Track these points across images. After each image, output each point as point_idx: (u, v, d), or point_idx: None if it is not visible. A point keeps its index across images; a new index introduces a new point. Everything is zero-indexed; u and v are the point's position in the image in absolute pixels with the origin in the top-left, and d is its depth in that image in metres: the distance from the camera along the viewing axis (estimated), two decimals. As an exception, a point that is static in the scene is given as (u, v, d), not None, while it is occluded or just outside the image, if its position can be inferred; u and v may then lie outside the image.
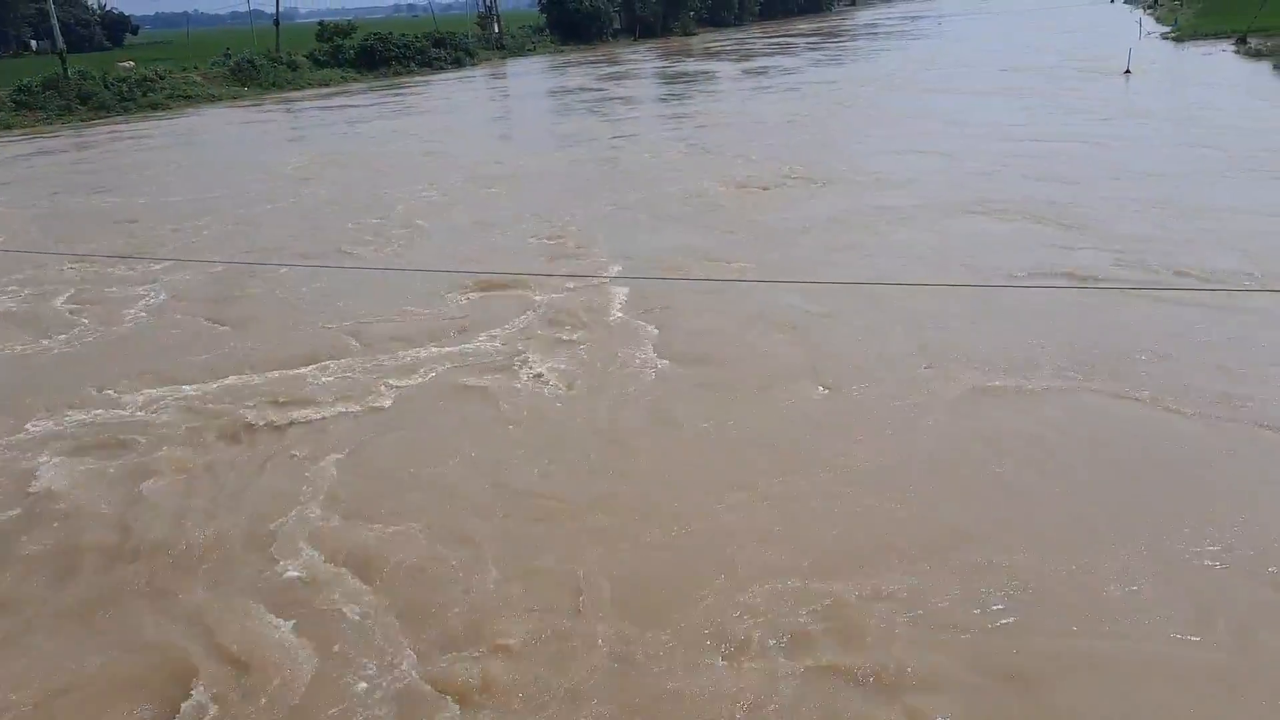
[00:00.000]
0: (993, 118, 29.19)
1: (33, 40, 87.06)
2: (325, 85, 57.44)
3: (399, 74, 62.40)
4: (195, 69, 55.08)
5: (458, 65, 67.63)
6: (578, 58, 71.13)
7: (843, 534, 7.75)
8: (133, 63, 56.82)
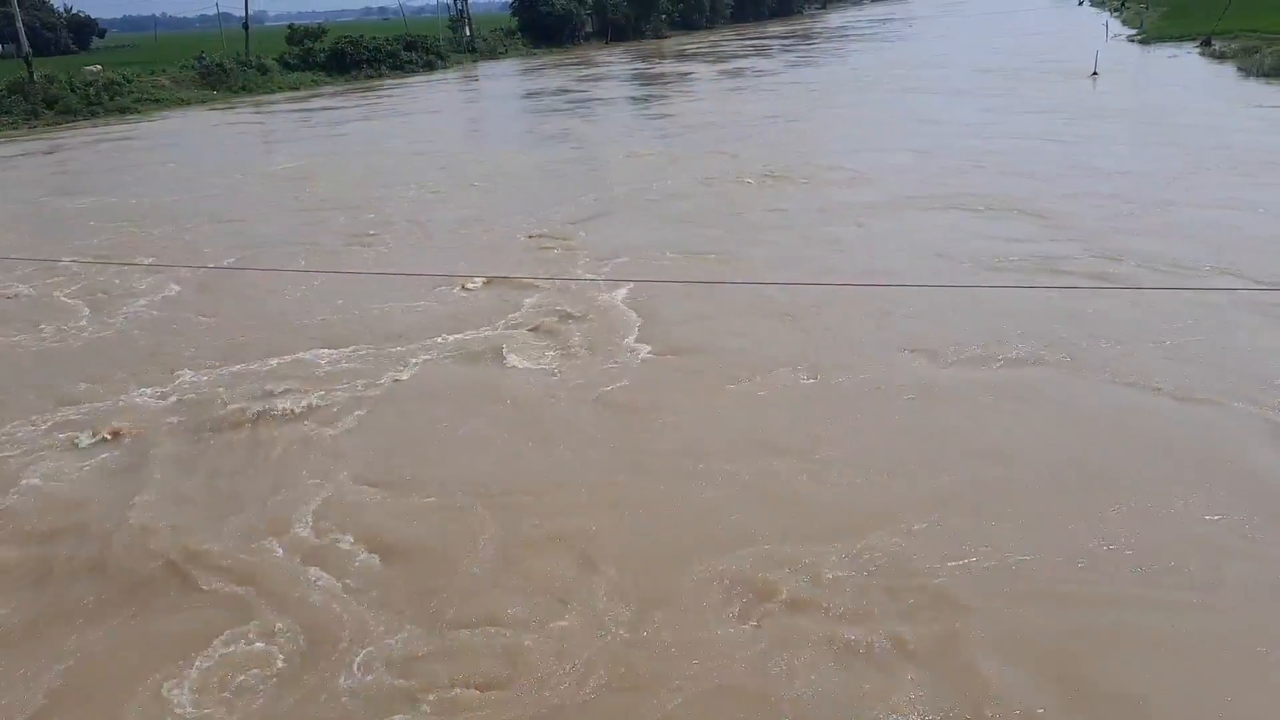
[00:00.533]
0: (965, 117, 29.56)
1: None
2: (296, 89, 56.93)
3: (370, 77, 62.02)
4: (163, 72, 54.48)
5: (429, 68, 67.36)
6: (551, 61, 71.08)
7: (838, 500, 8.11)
8: (99, 66, 56.13)
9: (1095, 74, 37.52)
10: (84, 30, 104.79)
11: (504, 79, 59.95)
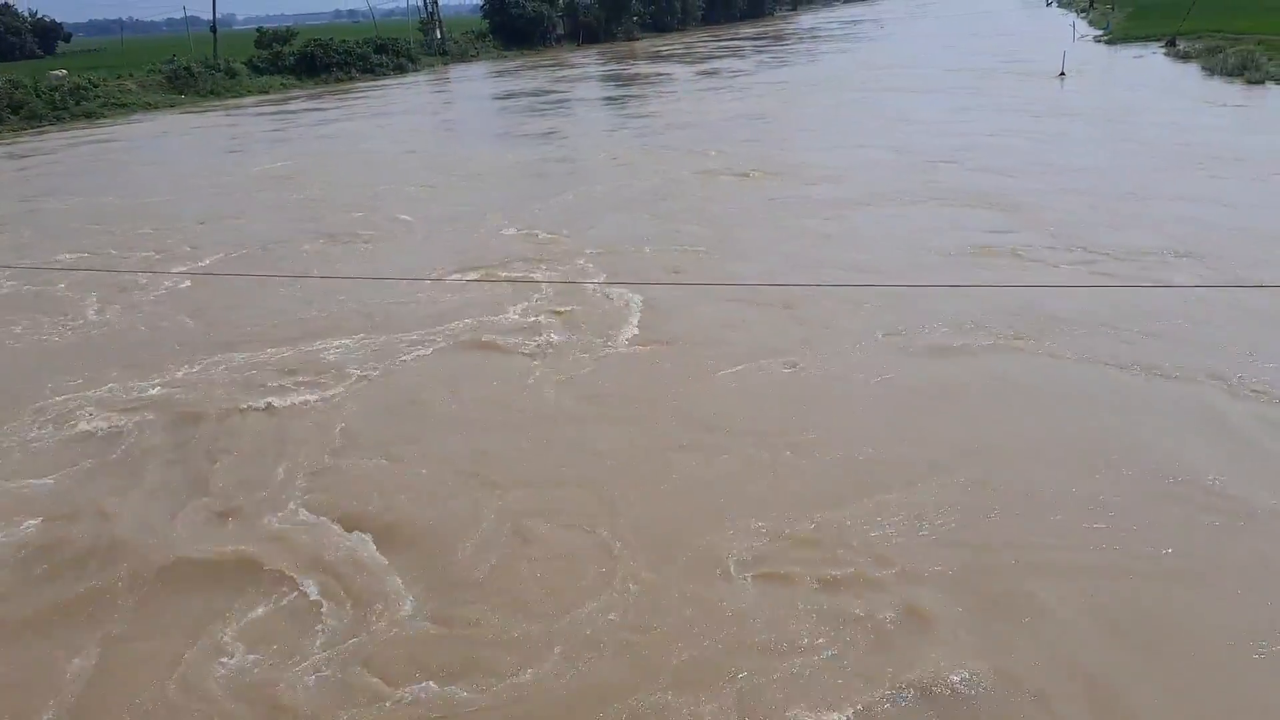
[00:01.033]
0: (936, 116, 29.92)
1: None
2: (265, 93, 56.43)
3: (340, 80, 61.58)
4: (130, 76, 53.85)
5: (400, 71, 67.05)
6: (523, 63, 70.98)
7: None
8: (65, 71, 55.47)
9: (1063, 74, 37.97)
10: (49, 34, 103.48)
11: (478, 81, 59.81)
